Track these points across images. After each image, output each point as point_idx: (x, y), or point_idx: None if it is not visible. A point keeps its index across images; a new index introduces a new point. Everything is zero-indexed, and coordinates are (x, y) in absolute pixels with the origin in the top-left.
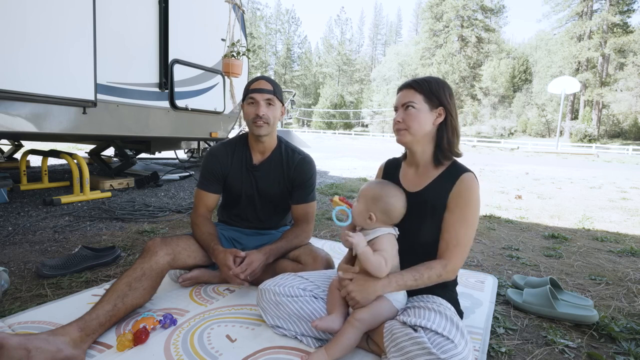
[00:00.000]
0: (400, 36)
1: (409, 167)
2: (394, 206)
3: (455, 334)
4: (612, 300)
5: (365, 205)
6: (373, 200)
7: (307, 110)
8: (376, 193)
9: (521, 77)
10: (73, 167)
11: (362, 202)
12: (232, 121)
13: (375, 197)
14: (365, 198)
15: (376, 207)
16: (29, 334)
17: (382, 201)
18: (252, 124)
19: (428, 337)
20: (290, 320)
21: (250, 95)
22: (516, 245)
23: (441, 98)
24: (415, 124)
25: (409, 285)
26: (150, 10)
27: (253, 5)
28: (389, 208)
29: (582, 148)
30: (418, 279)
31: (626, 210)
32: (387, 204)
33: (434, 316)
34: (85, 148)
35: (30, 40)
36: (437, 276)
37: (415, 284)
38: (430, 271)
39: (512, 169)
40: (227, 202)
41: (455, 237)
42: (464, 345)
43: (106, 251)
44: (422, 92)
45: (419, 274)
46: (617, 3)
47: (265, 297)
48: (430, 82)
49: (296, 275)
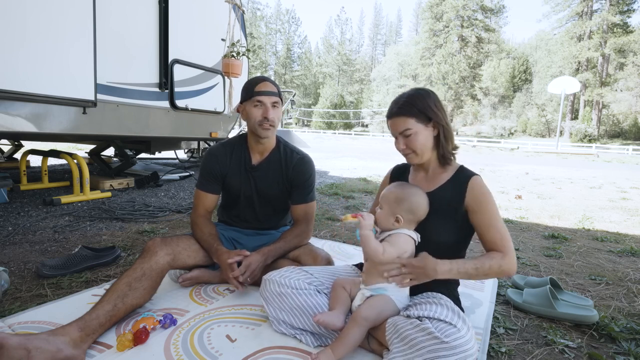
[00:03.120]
0: (400, 36)
1: (417, 172)
2: (417, 203)
3: (457, 320)
4: (612, 300)
5: (389, 208)
6: (397, 202)
7: (307, 110)
8: (398, 194)
9: (521, 77)
10: (73, 167)
11: (385, 206)
12: (232, 121)
13: (398, 198)
14: (388, 202)
15: (401, 208)
16: (29, 334)
17: (406, 201)
18: (258, 126)
19: (432, 324)
20: (292, 313)
21: (257, 97)
22: (516, 245)
23: (429, 113)
24: (419, 146)
25: (470, 274)
26: (150, 10)
27: (253, 5)
28: (413, 207)
29: (582, 148)
30: (479, 267)
31: (626, 210)
32: (411, 202)
33: (436, 307)
34: (85, 148)
35: (30, 40)
36: (498, 266)
37: (476, 272)
38: (491, 261)
39: (512, 169)
40: (226, 202)
41: (498, 232)
42: (466, 330)
43: (106, 251)
44: (412, 115)
45: (480, 263)
46: (617, 3)
47: (269, 288)
48: (414, 101)
49: (301, 270)
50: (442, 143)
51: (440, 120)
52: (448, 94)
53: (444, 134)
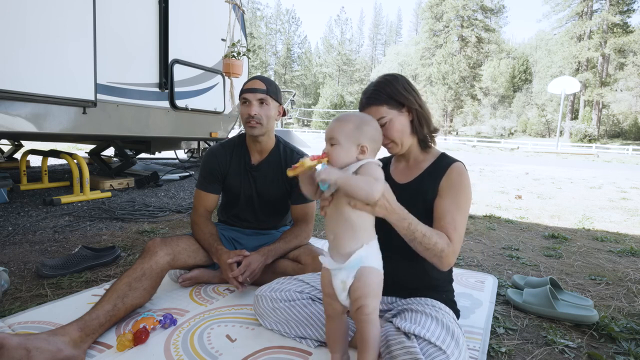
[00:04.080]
0: (400, 36)
1: (399, 162)
2: (377, 129)
3: (449, 343)
4: (612, 300)
5: (349, 139)
6: (358, 130)
7: (307, 110)
8: (357, 122)
9: (521, 77)
10: (73, 167)
11: (342, 138)
12: (232, 121)
13: (358, 126)
14: (345, 133)
15: (364, 135)
16: (29, 334)
17: (368, 127)
18: (245, 124)
19: (421, 347)
20: (288, 325)
21: (243, 95)
22: (516, 245)
23: (399, 98)
24: (397, 134)
25: (415, 236)
26: (150, 10)
27: (253, 5)
28: (375, 133)
29: (582, 148)
30: (427, 236)
31: (626, 210)
32: (373, 128)
33: (430, 323)
34: (85, 148)
35: (31, 40)
36: (440, 249)
37: (421, 238)
38: (439, 239)
39: (512, 169)
40: (226, 202)
41: (452, 223)
42: (457, 355)
43: (106, 251)
44: (382, 102)
45: (430, 233)
46: (617, 3)
47: (262, 304)
48: (382, 88)
49: (292, 278)
50: (417, 127)
51: (413, 103)
52: (448, 94)
53: (418, 118)
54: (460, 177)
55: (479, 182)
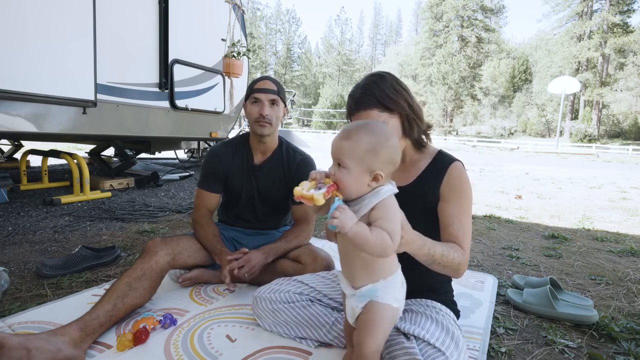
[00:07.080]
0: (400, 36)
1: None
2: (395, 147)
3: (449, 344)
4: (612, 300)
5: (360, 165)
6: (372, 154)
7: (307, 110)
8: (372, 142)
9: (521, 77)
10: (73, 167)
11: (354, 164)
12: (232, 121)
13: (372, 147)
14: (356, 157)
15: (379, 160)
16: (29, 334)
17: (384, 148)
18: (255, 123)
19: (420, 348)
20: (288, 326)
21: (254, 94)
22: (516, 245)
23: (389, 104)
24: None
25: (434, 259)
26: (150, 10)
27: (253, 5)
28: (393, 154)
29: (582, 148)
30: (445, 255)
31: (626, 210)
32: (391, 148)
33: (429, 324)
34: (85, 148)
35: (31, 40)
36: (457, 263)
37: (440, 259)
38: (455, 254)
39: (512, 169)
40: (227, 202)
41: (461, 229)
42: (456, 357)
43: (106, 251)
44: (372, 105)
45: (446, 251)
46: (617, 3)
47: (261, 306)
48: (370, 91)
49: (291, 279)
50: (407, 130)
51: (402, 108)
52: (448, 94)
53: (409, 121)
54: (461, 178)
55: (479, 182)
